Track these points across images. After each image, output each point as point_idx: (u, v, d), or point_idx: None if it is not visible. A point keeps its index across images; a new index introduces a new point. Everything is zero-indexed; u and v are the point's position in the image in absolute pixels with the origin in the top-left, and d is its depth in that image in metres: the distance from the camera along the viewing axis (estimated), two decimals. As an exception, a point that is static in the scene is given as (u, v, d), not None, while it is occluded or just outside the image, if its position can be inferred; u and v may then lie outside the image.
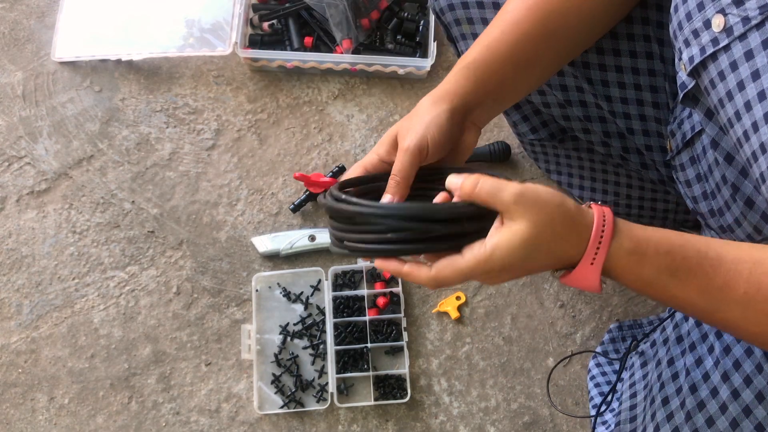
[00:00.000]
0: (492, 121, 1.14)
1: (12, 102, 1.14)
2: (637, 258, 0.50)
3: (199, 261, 1.07)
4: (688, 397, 0.62)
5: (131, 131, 1.13)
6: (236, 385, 1.02)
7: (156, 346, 1.03)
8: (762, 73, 0.47)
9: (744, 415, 0.57)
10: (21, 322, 1.04)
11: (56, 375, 1.02)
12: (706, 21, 0.52)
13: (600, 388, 0.84)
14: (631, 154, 0.81)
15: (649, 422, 0.65)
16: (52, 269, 1.07)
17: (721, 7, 0.50)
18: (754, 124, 0.48)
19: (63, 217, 1.09)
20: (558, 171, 1.03)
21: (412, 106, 1.13)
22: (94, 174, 1.11)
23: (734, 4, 0.49)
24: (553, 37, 0.63)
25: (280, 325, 1.03)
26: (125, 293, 1.05)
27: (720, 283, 0.48)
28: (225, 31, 1.14)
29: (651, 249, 0.50)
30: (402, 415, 1.00)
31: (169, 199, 1.10)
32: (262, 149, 1.13)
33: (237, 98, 1.15)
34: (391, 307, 1.04)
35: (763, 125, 0.47)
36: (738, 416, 0.57)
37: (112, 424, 1.00)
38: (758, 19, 0.47)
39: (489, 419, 1.00)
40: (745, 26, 0.48)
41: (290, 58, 1.12)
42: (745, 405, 0.57)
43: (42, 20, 1.19)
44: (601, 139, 0.81)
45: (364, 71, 1.15)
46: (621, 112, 0.75)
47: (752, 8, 0.48)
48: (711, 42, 0.51)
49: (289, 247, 1.05)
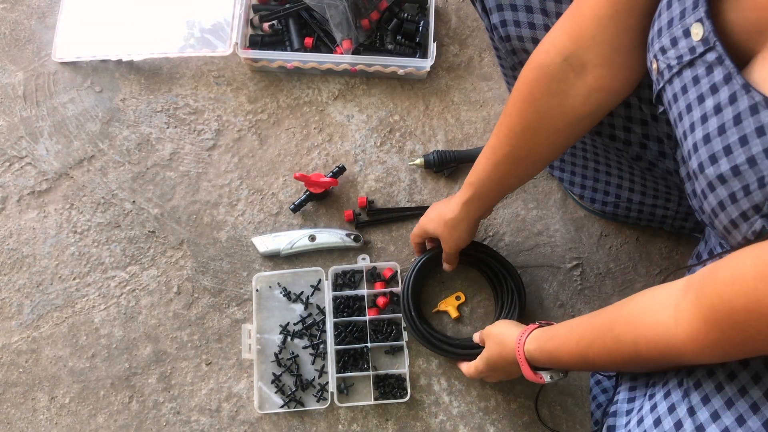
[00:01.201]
0: (492, 121, 1.15)
1: (13, 102, 1.15)
2: (546, 355, 0.75)
3: (199, 261, 1.07)
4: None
5: (132, 131, 1.13)
6: (236, 385, 1.02)
7: (156, 346, 1.03)
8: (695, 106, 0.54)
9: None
10: (22, 322, 1.04)
11: (57, 374, 1.02)
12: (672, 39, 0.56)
13: (602, 409, 0.86)
14: (651, 141, 0.82)
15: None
16: (53, 269, 1.07)
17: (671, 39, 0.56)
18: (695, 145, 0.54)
19: (64, 217, 1.09)
20: (561, 168, 1.04)
21: (412, 107, 1.14)
22: (94, 174, 1.11)
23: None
24: (545, 135, 0.75)
25: (280, 324, 1.04)
26: (126, 293, 1.06)
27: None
28: (225, 32, 1.14)
29: (549, 348, 0.75)
30: (402, 415, 1.01)
31: (169, 199, 1.10)
32: (263, 149, 1.13)
33: (237, 98, 1.16)
34: (391, 306, 1.04)
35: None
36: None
37: (113, 424, 1.00)
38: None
39: (489, 419, 1.00)
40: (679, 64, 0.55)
41: (290, 58, 1.12)
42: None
43: (43, 21, 1.20)
44: (623, 124, 0.81)
45: (364, 72, 1.15)
46: (647, 98, 0.75)
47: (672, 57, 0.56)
48: (667, 68, 0.57)
49: (289, 247, 1.06)
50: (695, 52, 0.53)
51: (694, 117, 0.53)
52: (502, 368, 0.86)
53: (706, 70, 0.52)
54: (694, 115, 0.53)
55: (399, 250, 1.08)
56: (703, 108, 0.52)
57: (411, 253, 1.08)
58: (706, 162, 0.52)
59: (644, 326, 0.59)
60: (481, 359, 0.89)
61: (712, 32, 0.51)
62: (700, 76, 0.52)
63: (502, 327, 0.86)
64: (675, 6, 0.55)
